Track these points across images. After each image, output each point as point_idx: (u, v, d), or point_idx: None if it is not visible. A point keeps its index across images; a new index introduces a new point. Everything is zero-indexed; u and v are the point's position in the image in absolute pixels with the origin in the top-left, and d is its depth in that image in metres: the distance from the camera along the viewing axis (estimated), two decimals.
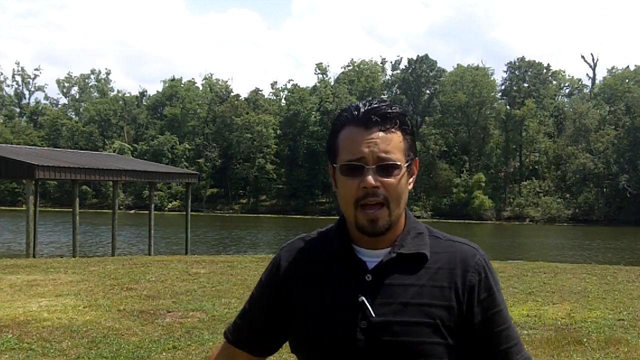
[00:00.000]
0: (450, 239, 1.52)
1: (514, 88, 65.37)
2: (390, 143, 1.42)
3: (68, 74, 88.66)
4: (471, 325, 1.44)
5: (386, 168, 1.41)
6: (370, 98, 1.56)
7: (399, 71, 72.98)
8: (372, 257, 1.46)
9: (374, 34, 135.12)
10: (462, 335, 1.43)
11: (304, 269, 1.52)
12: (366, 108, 1.44)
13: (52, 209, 59.69)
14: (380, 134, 1.42)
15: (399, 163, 1.42)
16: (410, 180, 1.49)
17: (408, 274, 1.44)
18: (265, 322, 1.57)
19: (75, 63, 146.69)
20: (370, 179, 1.39)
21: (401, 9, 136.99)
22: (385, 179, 1.41)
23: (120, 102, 79.41)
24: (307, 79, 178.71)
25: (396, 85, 71.37)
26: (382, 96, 70.66)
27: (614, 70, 70.08)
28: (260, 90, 75.98)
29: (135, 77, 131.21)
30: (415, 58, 70.09)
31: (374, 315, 1.40)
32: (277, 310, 1.55)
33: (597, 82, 71.59)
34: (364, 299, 1.41)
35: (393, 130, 1.43)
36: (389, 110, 1.43)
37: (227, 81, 78.01)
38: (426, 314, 1.40)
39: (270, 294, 1.57)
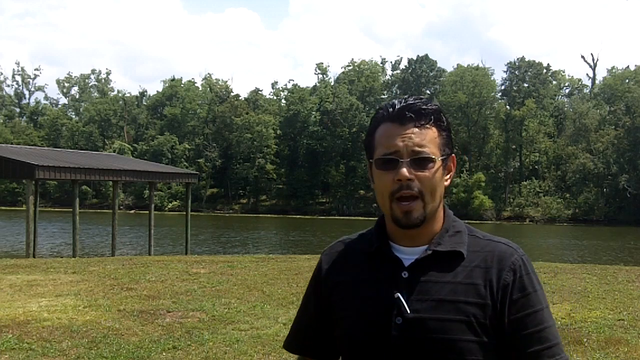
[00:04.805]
0: (490, 239, 1.53)
1: (514, 88, 65.38)
2: (425, 138, 1.45)
3: (68, 74, 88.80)
4: (503, 324, 1.44)
5: (420, 161, 1.44)
6: (407, 95, 1.58)
7: (399, 71, 72.97)
8: (409, 254, 1.48)
9: (371, 34, 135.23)
10: (497, 333, 1.44)
11: (344, 269, 1.55)
12: (401, 105, 1.47)
13: (52, 209, 59.68)
14: (415, 129, 1.44)
15: (433, 157, 1.44)
16: (447, 176, 1.51)
17: (444, 271, 1.46)
18: (316, 325, 1.61)
19: (72, 63, 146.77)
20: (404, 171, 1.42)
21: (398, 10, 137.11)
22: (420, 172, 1.43)
23: (120, 102, 79.39)
24: (306, 79, 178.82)
25: (396, 86, 71.35)
26: (382, 96, 70.73)
27: (614, 70, 70.03)
28: (260, 90, 76.08)
29: (133, 77, 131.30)
30: (415, 58, 70.12)
31: (409, 311, 1.42)
32: (320, 311, 1.59)
33: (597, 82, 71.56)
34: (399, 295, 1.43)
35: (428, 125, 1.46)
36: (424, 107, 1.46)
37: (227, 81, 78.01)
38: (461, 311, 1.42)
39: (315, 297, 1.62)
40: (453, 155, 1.53)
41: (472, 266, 1.47)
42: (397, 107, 1.47)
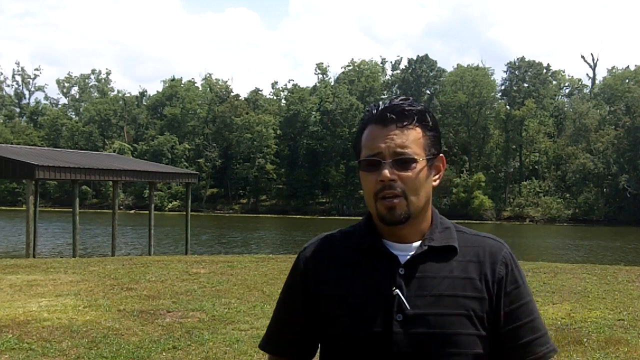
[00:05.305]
0: (477, 234, 1.57)
1: (514, 88, 65.39)
2: (408, 138, 1.46)
3: (68, 74, 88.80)
4: (499, 317, 1.48)
5: (402, 162, 1.45)
6: (393, 96, 1.61)
7: (399, 71, 72.95)
8: (403, 250, 1.49)
9: (371, 34, 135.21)
10: (492, 326, 1.48)
11: (332, 266, 1.53)
12: (385, 106, 1.50)
13: (52, 209, 59.68)
14: (397, 130, 1.46)
15: (415, 157, 1.45)
16: (436, 176, 1.53)
17: (440, 266, 1.48)
18: (298, 324, 1.58)
19: (72, 63, 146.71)
20: (386, 172, 1.44)
21: (398, 10, 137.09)
22: (402, 173, 1.45)
23: (120, 102, 79.39)
24: (306, 79, 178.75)
25: (396, 86, 71.31)
26: (382, 96, 70.75)
27: (614, 70, 70.02)
28: (260, 90, 76.07)
29: (133, 77, 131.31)
30: (415, 58, 70.12)
31: (409, 307, 1.43)
32: (307, 309, 1.56)
33: (597, 82, 71.55)
34: (398, 292, 1.44)
35: (411, 126, 1.47)
36: (407, 108, 1.47)
37: (227, 81, 78.02)
38: (460, 305, 1.45)
39: (301, 295, 1.58)
40: (442, 155, 1.54)
41: (466, 260, 1.49)
42: (380, 108, 1.49)
